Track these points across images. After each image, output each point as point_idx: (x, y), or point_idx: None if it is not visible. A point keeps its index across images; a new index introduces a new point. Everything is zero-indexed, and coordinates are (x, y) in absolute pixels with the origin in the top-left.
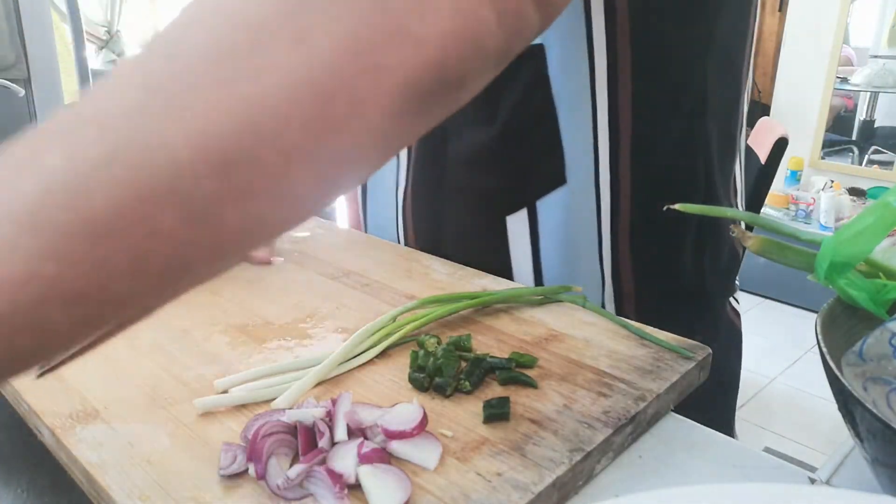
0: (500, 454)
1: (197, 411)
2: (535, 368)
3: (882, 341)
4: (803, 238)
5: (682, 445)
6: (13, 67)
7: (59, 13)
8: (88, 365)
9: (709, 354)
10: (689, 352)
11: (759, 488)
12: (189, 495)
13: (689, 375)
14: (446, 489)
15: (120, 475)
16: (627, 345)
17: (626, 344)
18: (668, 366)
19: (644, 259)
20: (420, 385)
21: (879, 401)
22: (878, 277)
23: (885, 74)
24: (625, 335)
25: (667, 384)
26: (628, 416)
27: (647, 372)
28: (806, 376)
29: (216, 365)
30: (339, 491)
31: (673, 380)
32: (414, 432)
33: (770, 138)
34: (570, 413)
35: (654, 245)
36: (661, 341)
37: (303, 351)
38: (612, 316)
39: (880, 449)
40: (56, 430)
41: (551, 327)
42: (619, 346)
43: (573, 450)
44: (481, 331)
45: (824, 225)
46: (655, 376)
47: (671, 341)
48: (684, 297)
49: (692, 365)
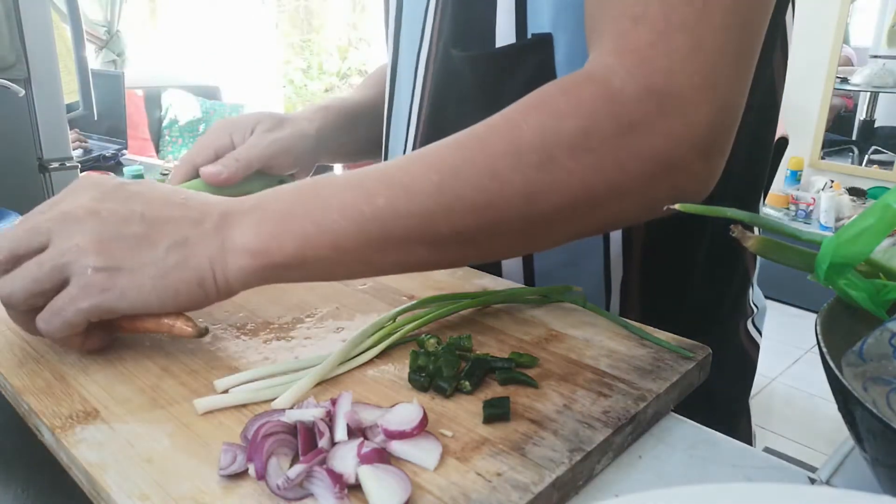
0: (500, 454)
1: (197, 411)
2: (535, 368)
3: (882, 341)
4: (803, 238)
5: (682, 445)
6: (13, 67)
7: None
8: (89, 365)
9: (709, 354)
10: (689, 352)
11: (759, 488)
12: (189, 495)
13: (689, 375)
14: (446, 489)
15: (120, 475)
16: (627, 345)
17: (626, 344)
18: (668, 366)
19: (654, 276)
20: (420, 385)
21: (879, 401)
22: (878, 278)
23: (885, 74)
24: (625, 335)
25: (667, 384)
26: (628, 416)
27: (647, 372)
28: (806, 376)
29: (216, 365)
30: (340, 491)
31: (673, 380)
32: (414, 432)
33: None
34: (570, 413)
35: (666, 258)
36: (660, 341)
37: (303, 351)
38: (611, 316)
39: (880, 449)
40: (56, 430)
41: (551, 327)
42: (619, 347)
43: (573, 450)
44: (481, 331)
45: (824, 225)
46: (655, 376)
47: (671, 341)
48: (690, 317)
49: (692, 365)
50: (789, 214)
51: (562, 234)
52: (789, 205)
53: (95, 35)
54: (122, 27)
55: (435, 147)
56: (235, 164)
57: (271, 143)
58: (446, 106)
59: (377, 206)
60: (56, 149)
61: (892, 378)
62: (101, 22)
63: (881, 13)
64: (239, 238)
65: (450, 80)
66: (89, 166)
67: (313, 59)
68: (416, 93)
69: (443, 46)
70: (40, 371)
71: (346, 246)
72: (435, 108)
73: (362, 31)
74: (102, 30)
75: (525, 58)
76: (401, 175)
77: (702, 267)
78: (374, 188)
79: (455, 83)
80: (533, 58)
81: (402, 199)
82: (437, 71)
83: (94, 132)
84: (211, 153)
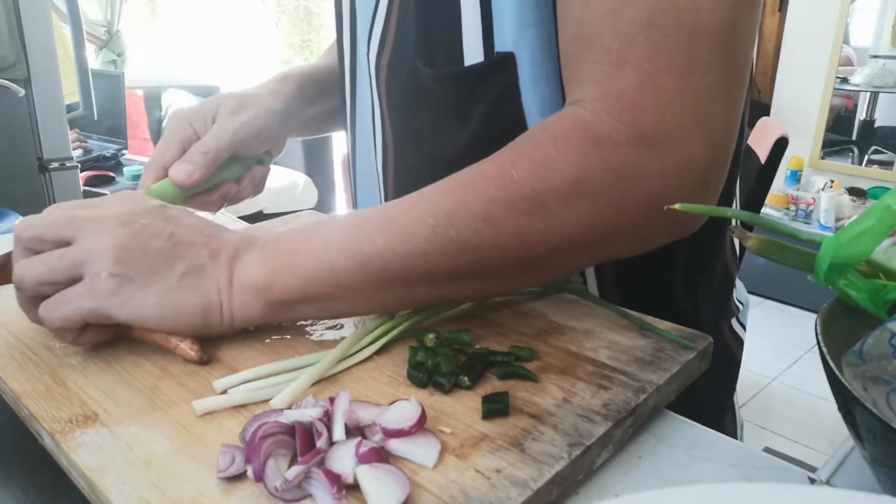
0: (500, 450)
1: (196, 413)
2: (535, 361)
3: (882, 341)
4: (803, 238)
5: (682, 445)
6: (13, 67)
7: (59, 13)
8: (88, 368)
9: (710, 344)
10: (690, 341)
11: (759, 488)
12: (188, 498)
13: (689, 365)
14: (445, 487)
15: (119, 479)
16: (628, 335)
17: (627, 335)
18: (669, 356)
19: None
20: (418, 382)
21: (879, 401)
22: (878, 278)
23: (885, 74)
24: (625, 326)
25: (667, 375)
26: (628, 408)
27: (647, 363)
28: (806, 376)
29: (215, 365)
30: (337, 492)
31: (674, 370)
32: (412, 430)
33: (770, 138)
34: (569, 407)
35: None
36: (661, 331)
37: (301, 349)
38: (611, 306)
39: (880, 449)
40: (56, 434)
41: (551, 319)
42: (620, 337)
43: (573, 444)
44: (481, 325)
45: (824, 225)
46: (656, 367)
47: (671, 331)
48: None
49: (693, 355)
50: (789, 214)
51: (559, 270)
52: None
53: (95, 35)
54: (122, 27)
55: (431, 190)
56: (204, 158)
57: (239, 127)
58: (414, 115)
59: (376, 245)
60: (56, 149)
61: (892, 378)
62: (101, 22)
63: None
64: (245, 273)
65: (413, 91)
66: (89, 166)
67: (313, 59)
68: (374, 97)
69: (408, 56)
70: (40, 375)
71: (347, 283)
72: (402, 117)
73: None
74: (102, 30)
75: (492, 76)
76: (399, 217)
77: (681, 281)
78: (373, 229)
79: (418, 95)
80: (499, 76)
81: (399, 240)
82: (400, 76)
83: (94, 132)
84: (176, 148)
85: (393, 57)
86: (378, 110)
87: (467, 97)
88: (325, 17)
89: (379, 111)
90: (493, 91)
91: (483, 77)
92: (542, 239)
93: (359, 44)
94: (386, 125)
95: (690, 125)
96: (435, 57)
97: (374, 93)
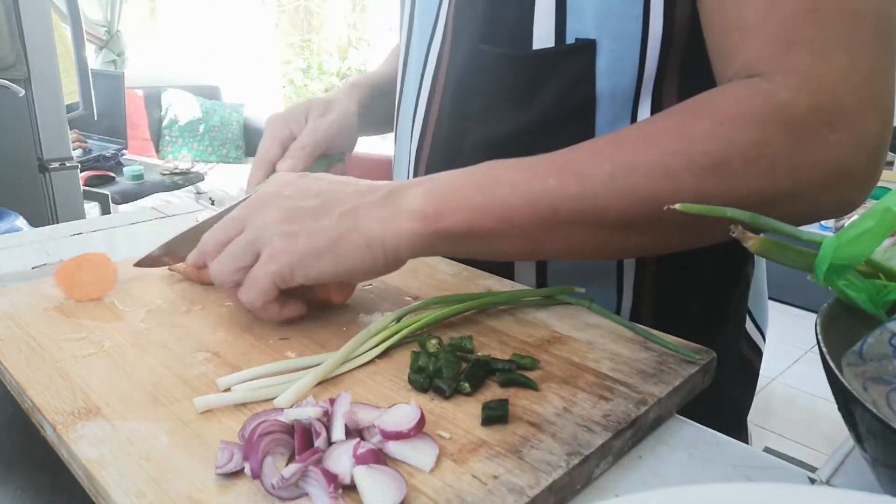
0: (497, 457)
1: (197, 409)
2: (537, 370)
3: (882, 341)
4: (803, 238)
5: (683, 445)
6: (13, 67)
7: (59, 13)
8: (92, 361)
9: (713, 359)
10: (694, 354)
11: (759, 488)
12: (185, 493)
13: (692, 379)
14: (441, 491)
15: (118, 472)
16: (631, 348)
17: (630, 347)
18: (672, 369)
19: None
20: (420, 386)
21: (879, 401)
22: (878, 278)
23: None
24: (628, 338)
25: (669, 388)
26: (628, 420)
27: (649, 375)
28: (806, 376)
29: (218, 363)
30: (334, 491)
31: (676, 384)
32: (411, 433)
33: None
34: (569, 416)
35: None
36: (665, 343)
37: (305, 350)
38: (616, 317)
39: (880, 449)
40: (58, 426)
41: (554, 329)
42: (623, 349)
43: (571, 453)
44: (484, 332)
45: (824, 225)
46: (658, 380)
47: (677, 345)
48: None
49: (696, 369)
50: None
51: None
52: None
53: (95, 35)
54: (122, 27)
55: (597, 142)
56: (303, 152)
57: (329, 125)
58: (470, 97)
59: (548, 185)
60: (56, 149)
61: (892, 378)
62: (101, 22)
63: None
64: (410, 203)
65: (474, 72)
66: (89, 166)
67: (313, 59)
68: (424, 82)
69: (466, 40)
70: (44, 367)
71: (514, 220)
72: (457, 98)
73: (362, 31)
74: (102, 30)
75: (564, 61)
76: (572, 162)
77: (711, 270)
78: (545, 170)
79: (480, 76)
80: (573, 61)
81: (572, 182)
82: (459, 63)
83: (94, 132)
84: (278, 147)
85: (446, 44)
86: (426, 94)
87: (536, 80)
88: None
89: (427, 95)
90: (567, 76)
91: (555, 61)
92: (718, 196)
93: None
94: (432, 109)
95: (863, 99)
96: (499, 39)
97: (423, 78)
